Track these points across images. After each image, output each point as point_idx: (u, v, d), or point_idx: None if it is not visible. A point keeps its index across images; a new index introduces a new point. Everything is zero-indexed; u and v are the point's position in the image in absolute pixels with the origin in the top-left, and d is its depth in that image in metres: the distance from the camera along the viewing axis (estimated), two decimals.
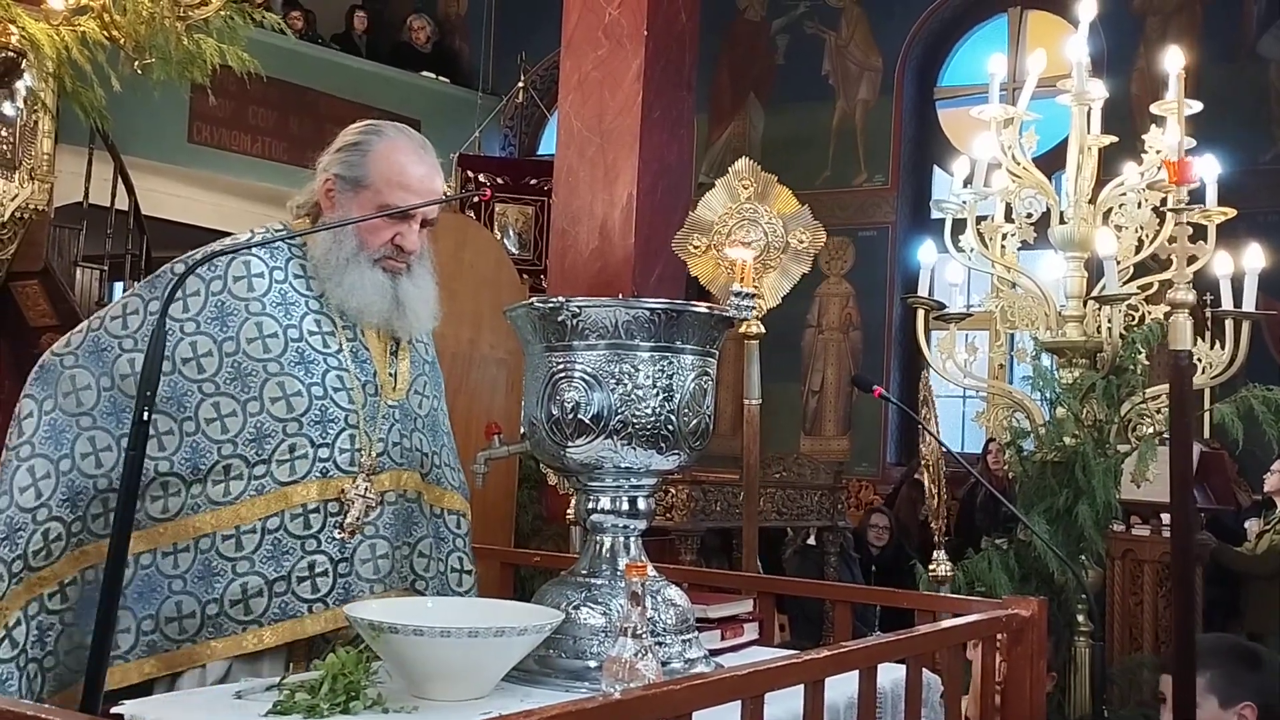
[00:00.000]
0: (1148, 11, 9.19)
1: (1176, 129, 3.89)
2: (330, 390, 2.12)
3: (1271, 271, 4.01)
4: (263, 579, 2.05)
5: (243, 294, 2.12)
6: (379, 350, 2.22)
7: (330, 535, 2.10)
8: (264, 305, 2.12)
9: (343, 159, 2.19)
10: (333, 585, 2.09)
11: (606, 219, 5.93)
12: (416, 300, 2.21)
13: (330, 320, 2.17)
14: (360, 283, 2.15)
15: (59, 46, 5.33)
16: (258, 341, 2.10)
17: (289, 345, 2.11)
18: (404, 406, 2.23)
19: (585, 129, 6.06)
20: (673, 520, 5.53)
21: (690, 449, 2.03)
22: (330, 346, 2.15)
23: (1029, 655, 2.24)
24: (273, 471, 2.07)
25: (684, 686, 1.50)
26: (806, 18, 10.65)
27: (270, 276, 2.15)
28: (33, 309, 8.48)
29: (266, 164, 10.06)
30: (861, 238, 10.23)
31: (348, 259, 2.14)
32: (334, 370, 2.14)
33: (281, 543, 2.07)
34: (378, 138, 2.19)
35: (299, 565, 2.08)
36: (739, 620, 2.32)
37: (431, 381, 2.34)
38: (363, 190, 2.16)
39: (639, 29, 5.97)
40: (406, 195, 2.15)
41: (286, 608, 2.07)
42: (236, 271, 2.13)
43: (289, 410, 2.08)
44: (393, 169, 2.16)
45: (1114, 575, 5.42)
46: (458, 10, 12.42)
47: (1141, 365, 3.92)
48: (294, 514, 2.08)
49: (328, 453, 2.10)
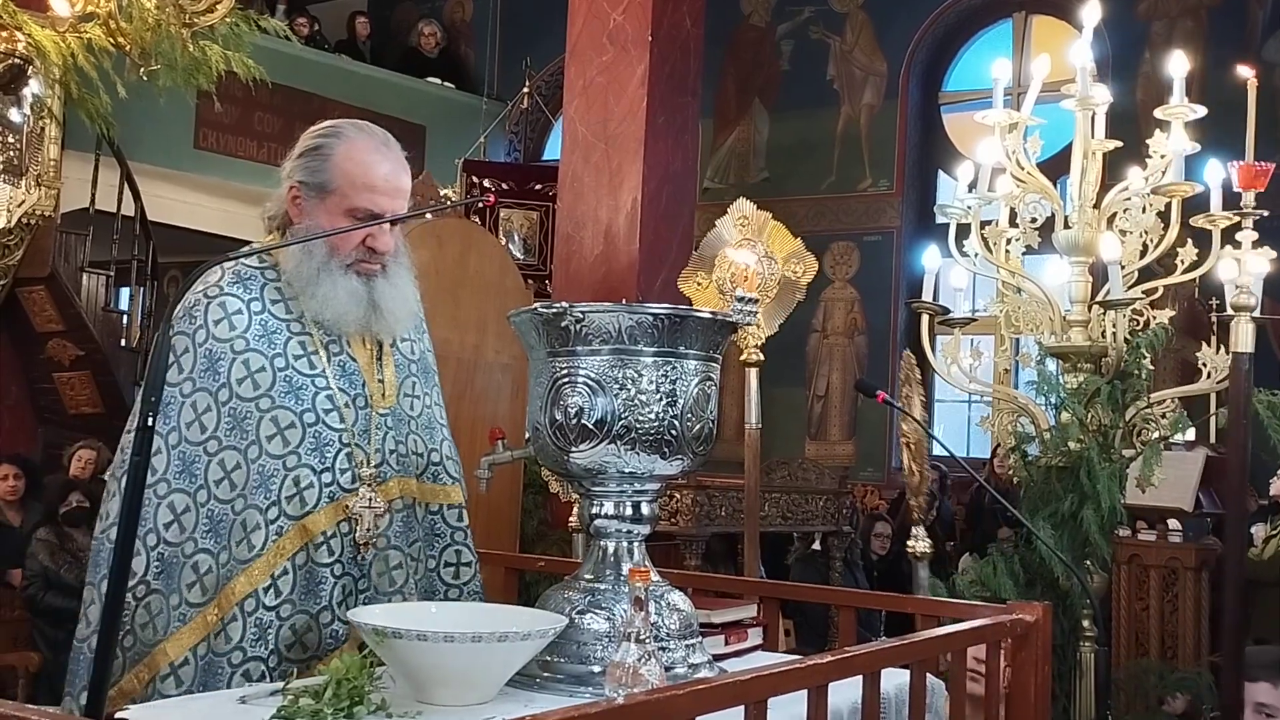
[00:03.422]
0: (1152, 17, 9.18)
1: (1181, 133, 3.90)
2: (321, 413, 2.11)
3: (1277, 276, 4.01)
4: (308, 615, 2.05)
5: (225, 335, 2.10)
6: (365, 360, 2.20)
7: (350, 555, 2.10)
8: (248, 341, 2.10)
9: (304, 165, 2.16)
10: (357, 603, 2.09)
11: (611, 224, 5.94)
12: (393, 301, 2.18)
13: (313, 339, 2.14)
14: (334, 292, 2.12)
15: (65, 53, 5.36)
16: (247, 380, 2.08)
17: (277, 376, 2.09)
18: (396, 412, 2.22)
19: (590, 134, 6.07)
20: (678, 525, 5.53)
21: (694, 454, 2.03)
22: (316, 367, 2.13)
23: (1034, 660, 2.24)
24: (285, 510, 2.05)
25: (687, 692, 1.49)
26: (811, 23, 10.65)
27: (249, 310, 2.12)
28: (39, 314, 8.52)
29: (272, 170, 9.94)
30: (866, 242, 10.22)
31: (319, 268, 2.11)
32: (323, 392, 2.12)
33: (314, 574, 2.07)
34: (337, 140, 2.16)
35: (334, 592, 2.08)
36: (743, 625, 2.32)
37: (422, 380, 2.31)
38: (328, 195, 2.13)
39: (644, 35, 5.98)
40: (373, 196, 2.12)
41: (337, 635, 2.07)
42: (215, 315, 2.10)
43: (285, 445, 2.07)
44: (356, 170, 2.12)
45: (1119, 580, 5.41)
46: (463, 16, 12.44)
47: (1146, 370, 3.91)
48: (316, 544, 2.07)
49: (330, 476, 2.09)
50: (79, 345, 8.55)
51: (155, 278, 9.10)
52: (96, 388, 8.57)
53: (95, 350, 8.60)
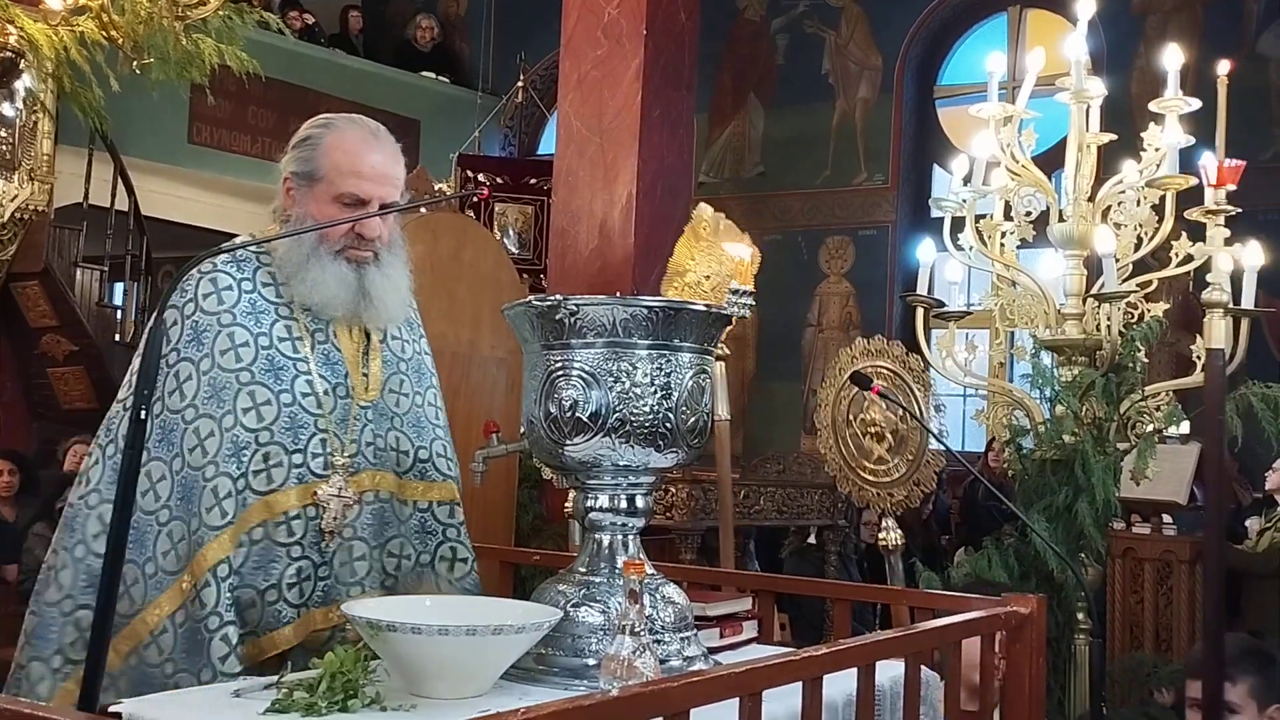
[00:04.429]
0: (1147, 10, 9.18)
1: (1176, 127, 3.90)
2: (299, 396, 2.12)
3: (1271, 269, 4.01)
4: (254, 590, 2.05)
5: (213, 309, 2.12)
6: (351, 352, 2.21)
7: (312, 540, 2.11)
8: (235, 316, 2.12)
9: (296, 156, 2.19)
10: (313, 589, 2.10)
11: (606, 218, 5.93)
12: (384, 290, 2.19)
13: (300, 325, 2.16)
14: (322, 277, 2.13)
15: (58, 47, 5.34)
16: (230, 352, 2.10)
17: (259, 353, 2.11)
18: (378, 407, 2.22)
19: (585, 129, 6.06)
20: (673, 519, 5.53)
21: (688, 447, 2.02)
22: (299, 352, 2.15)
23: (1028, 652, 2.24)
24: (251, 484, 2.07)
25: (682, 684, 1.49)
26: (806, 17, 10.64)
27: (239, 288, 2.15)
28: (33, 310, 8.50)
29: (267, 164, 9.94)
30: (861, 236, 10.22)
31: (308, 254, 2.14)
32: (303, 376, 2.13)
33: (269, 551, 2.07)
34: (327, 130, 2.19)
35: (287, 572, 2.08)
36: (738, 618, 2.32)
37: (413, 379, 2.31)
38: (317, 183, 2.16)
39: (638, 28, 5.97)
40: (360, 182, 2.14)
41: (280, 615, 2.07)
42: (205, 289, 2.13)
43: (259, 420, 2.08)
44: (344, 158, 2.15)
45: (1114, 573, 5.42)
46: (457, 10, 12.41)
47: (1141, 363, 3.92)
48: (277, 522, 2.08)
49: (301, 459, 2.10)
50: (73, 341, 8.54)
51: (149, 273, 9.09)
52: (90, 383, 8.55)
53: (89, 346, 8.58)
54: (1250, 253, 3.87)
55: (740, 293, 2.10)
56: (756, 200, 10.11)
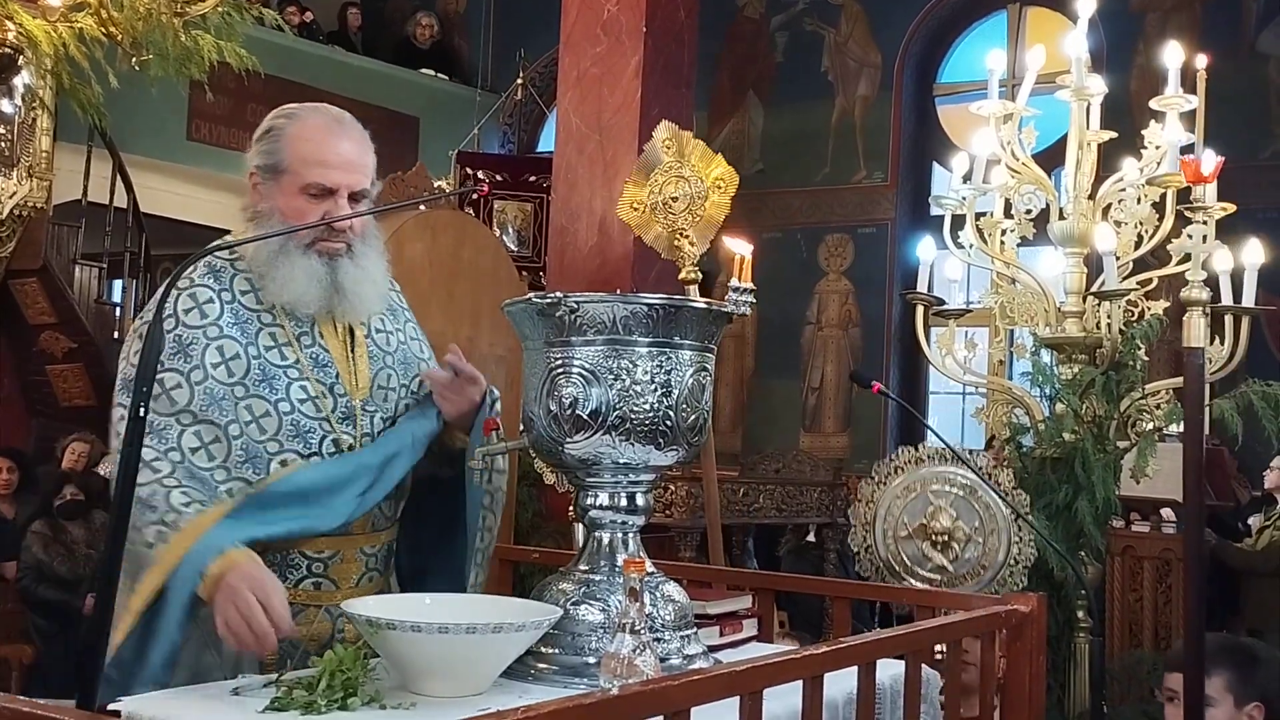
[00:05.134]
0: (1147, 8, 9.17)
1: (1177, 124, 3.90)
2: (296, 403, 2.09)
3: (1271, 267, 4.01)
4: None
5: (196, 323, 2.08)
6: (339, 350, 2.17)
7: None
8: (221, 329, 2.08)
9: (260, 149, 2.14)
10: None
11: (606, 216, 5.92)
12: (359, 282, 2.14)
13: (284, 331, 2.12)
14: (291, 273, 2.08)
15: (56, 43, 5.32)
16: (222, 366, 2.06)
17: (250, 364, 2.07)
18: (369, 404, 2.20)
19: (584, 126, 6.05)
20: (673, 517, 5.54)
21: (689, 444, 2.02)
22: (288, 358, 2.11)
23: (1029, 651, 2.24)
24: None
25: (682, 682, 1.49)
26: (806, 15, 10.63)
27: (220, 300, 2.10)
28: (31, 307, 8.49)
29: None
30: (861, 234, 10.22)
31: (276, 250, 2.09)
32: (296, 382, 2.10)
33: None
34: (290, 120, 2.14)
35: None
36: (738, 616, 2.32)
37: (399, 371, 2.26)
38: (282, 175, 2.11)
39: (638, 26, 5.96)
40: (327, 171, 2.09)
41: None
42: (184, 305, 2.08)
43: (262, 432, 2.06)
44: (308, 148, 2.10)
45: (1113, 571, 5.42)
46: (457, 7, 12.40)
47: (1141, 361, 3.91)
48: None
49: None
50: (71, 338, 8.53)
51: (148, 270, 9.08)
52: (89, 380, 8.54)
53: (88, 343, 8.57)
54: (1250, 251, 3.87)
55: (740, 290, 2.10)
56: (756, 198, 10.09)
